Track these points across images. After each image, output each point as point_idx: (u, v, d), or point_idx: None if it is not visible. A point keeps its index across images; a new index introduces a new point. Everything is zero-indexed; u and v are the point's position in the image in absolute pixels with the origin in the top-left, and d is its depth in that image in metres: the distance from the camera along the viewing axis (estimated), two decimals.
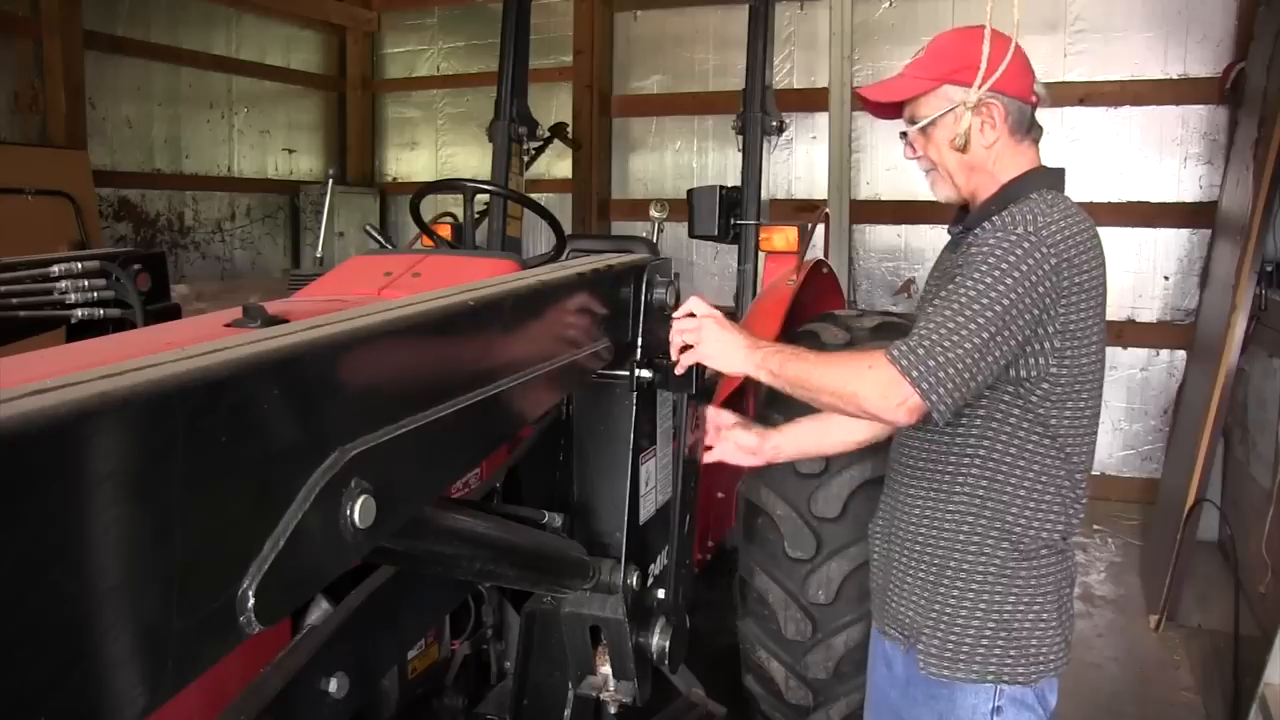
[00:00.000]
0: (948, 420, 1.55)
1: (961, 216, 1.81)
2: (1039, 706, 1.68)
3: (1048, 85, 1.82)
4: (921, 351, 1.49)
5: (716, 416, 1.88)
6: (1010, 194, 1.68)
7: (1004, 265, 1.52)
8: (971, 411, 1.65)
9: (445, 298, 1.02)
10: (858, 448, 2.01)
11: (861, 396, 1.53)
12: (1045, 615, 1.66)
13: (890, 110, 1.81)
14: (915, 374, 1.48)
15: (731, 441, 1.90)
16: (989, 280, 1.52)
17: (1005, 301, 1.51)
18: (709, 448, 1.88)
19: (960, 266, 1.59)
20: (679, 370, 1.61)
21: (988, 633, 1.65)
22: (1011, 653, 1.65)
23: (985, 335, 1.50)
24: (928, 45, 1.76)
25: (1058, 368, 1.59)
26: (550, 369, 1.21)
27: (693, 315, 1.63)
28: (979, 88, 1.66)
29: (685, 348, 1.61)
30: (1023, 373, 1.59)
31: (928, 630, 1.69)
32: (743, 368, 1.63)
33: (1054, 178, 1.72)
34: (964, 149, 1.69)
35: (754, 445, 1.92)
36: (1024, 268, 1.52)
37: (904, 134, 1.79)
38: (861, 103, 1.83)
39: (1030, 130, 1.74)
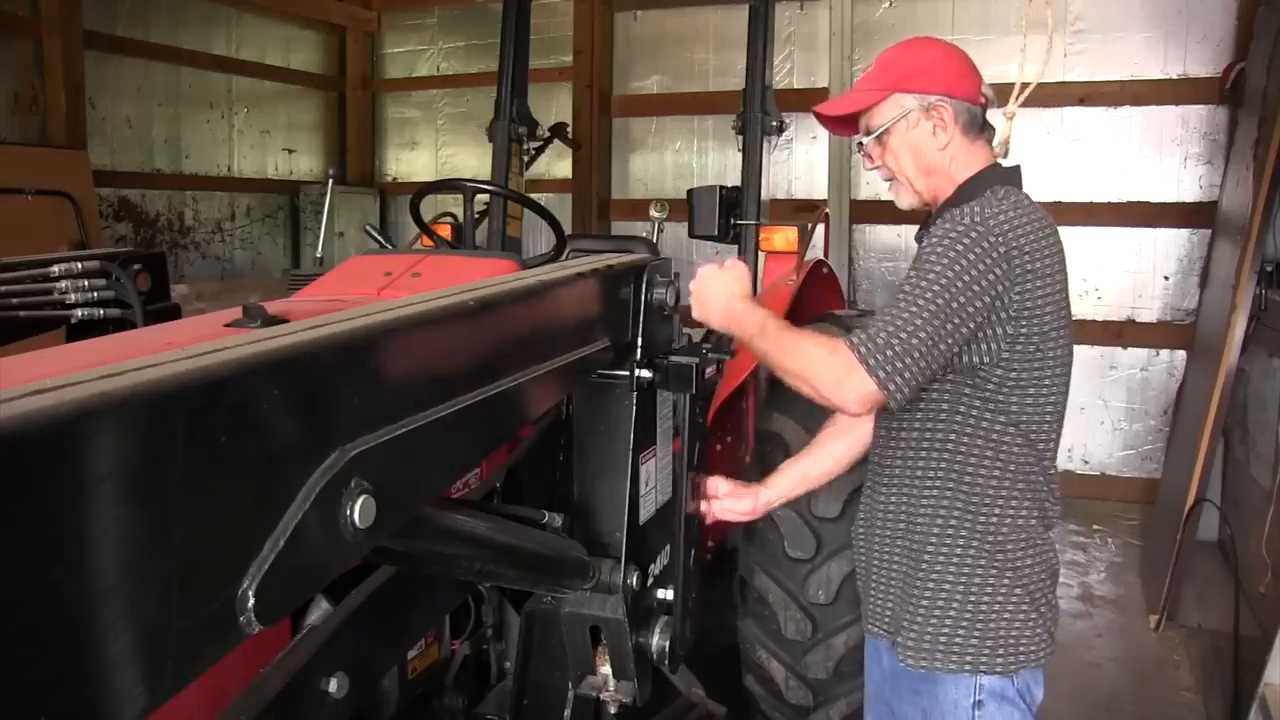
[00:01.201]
0: (903, 406, 1.60)
1: (927, 221, 1.85)
2: (1020, 700, 1.70)
3: (1047, 85, 1.84)
4: (881, 340, 1.54)
5: (712, 487, 1.93)
6: (965, 193, 1.74)
7: (951, 254, 1.57)
8: (935, 404, 1.69)
9: (445, 298, 1.02)
10: (844, 472, 2.05)
11: (820, 382, 1.59)
12: (1023, 606, 1.68)
13: (847, 127, 1.88)
14: (872, 362, 1.53)
15: (728, 507, 1.94)
16: (938, 269, 1.57)
17: (954, 288, 1.55)
18: (706, 514, 1.92)
19: (914, 261, 1.66)
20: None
21: (964, 623, 1.68)
22: (989, 643, 1.67)
23: (937, 323, 1.55)
24: (875, 59, 1.83)
25: (1010, 353, 1.62)
26: (550, 369, 1.21)
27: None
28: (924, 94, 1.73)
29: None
30: (977, 359, 1.63)
31: (905, 622, 1.73)
32: (713, 322, 1.75)
33: (1008, 174, 1.78)
34: (920, 149, 1.76)
35: (748, 507, 1.96)
36: (971, 255, 1.57)
37: (860, 144, 1.85)
38: (819, 120, 1.91)
39: (983, 130, 1.80)
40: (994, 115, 1.84)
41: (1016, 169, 1.79)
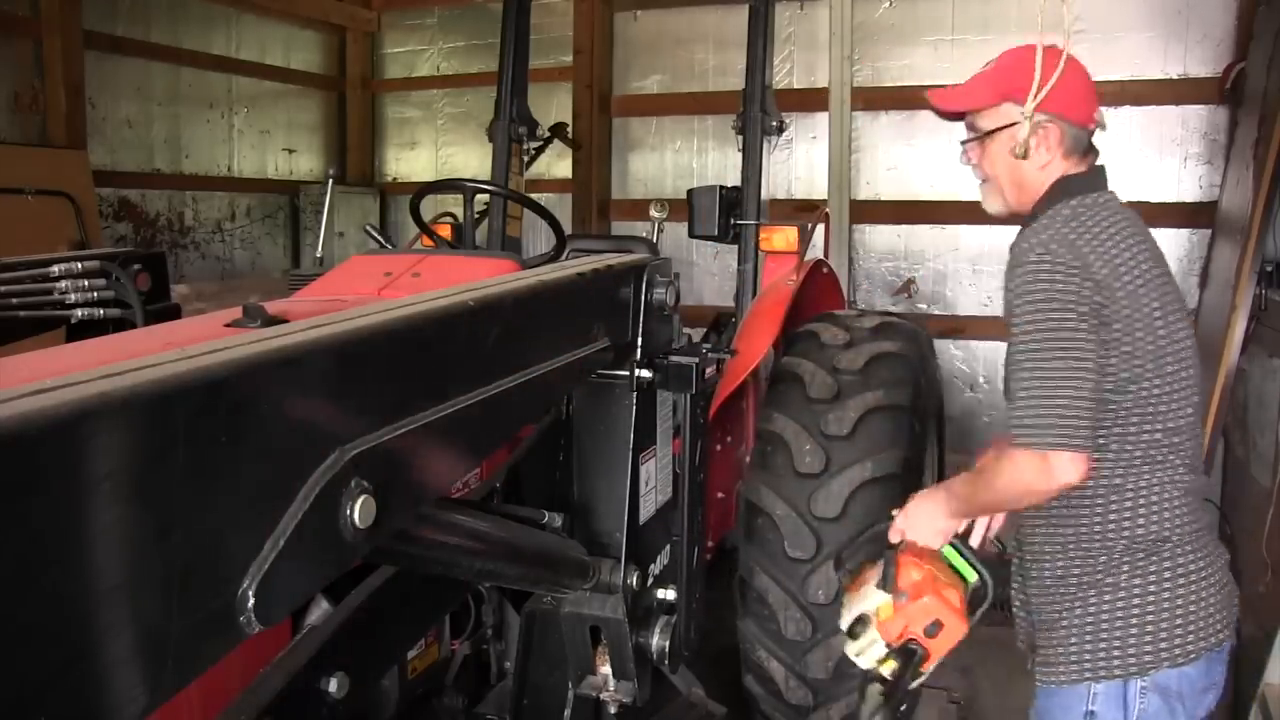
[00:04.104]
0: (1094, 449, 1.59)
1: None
2: (1152, 696, 1.68)
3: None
4: (1032, 419, 1.55)
5: None
6: (1034, 212, 1.75)
7: (1036, 297, 1.57)
8: None
9: (445, 298, 1.02)
10: None
11: (1031, 492, 1.59)
12: (1149, 610, 1.68)
13: (956, 114, 1.85)
14: (1049, 443, 1.53)
15: None
16: (1031, 320, 1.57)
17: (1064, 331, 1.55)
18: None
19: (1010, 314, 1.65)
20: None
21: (1074, 635, 1.71)
22: (1101, 651, 1.69)
23: (1067, 370, 1.54)
24: (998, 57, 1.80)
25: (1117, 358, 1.62)
26: (550, 369, 1.21)
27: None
28: (1033, 98, 1.70)
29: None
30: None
31: (1039, 641, 1.77)
32: (948, 523, 1.78)
33: (1071, 184, 1.75)
34: (1024, 156, 1.73)
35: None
36: (1047, 298, 1.57)
37: (964, 141, 1.84)
38: (929, 102, 1.87)
39: (1086, 154, 1.78)
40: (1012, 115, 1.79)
41: (1087, 175, 1.76)
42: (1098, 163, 1.80)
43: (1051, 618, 1.74)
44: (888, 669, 1.69)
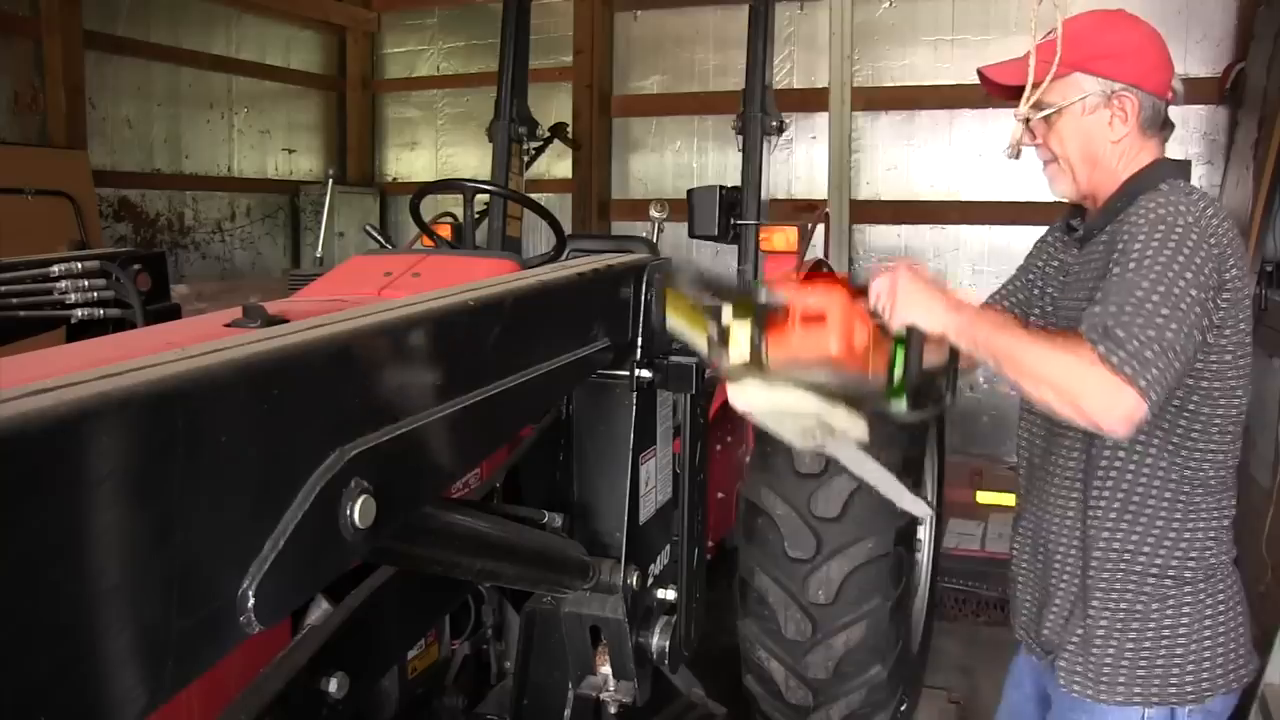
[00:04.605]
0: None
1: (1075, 214, 1.75)
2: None
3: None
4: (1136, 346, 1.34)
5: None
6: (1135, 188, 1.59)
7: (1171, 241, 1.42)
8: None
9: (445, 298, 1.02)
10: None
11: (1085, 401, 1.35)
12: (1195, 638, 1.62)
13: (1005, 91, 1.68)
14: (1138, 374, 1.32)
15: None
16: (1164, 257, 1.40)
17: (1184, 279, 1.40)
18: None
19: (1118, 252, 1.48)
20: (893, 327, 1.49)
21: (1127, 655, 1.62)
22: (1157, 674, 1.61)
23: (1179, 317, 1.37)
24: (1063, 24, 1.60)
25: (1203, 364, 1.52)
26: (550, 369, 1.21)
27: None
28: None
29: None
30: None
31: (1071, 646, 1.68)
32: (942, 329, 1.48)
33: (1180, 169, 1.64)
34: (1091, 137, 1.61)
35: None
36: (1188, 247, 1.42)
37: (1026, 120, 1.66)
38: (981, 80, 1.71)
39: (1163, 128, 1.66)
40: (1008, 115, 1.72)
41: (1187, 164, 1.66)
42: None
43: (1104, 631, 1.64)
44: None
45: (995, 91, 1.71)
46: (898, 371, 1.54)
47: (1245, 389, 1.61)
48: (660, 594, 1.66)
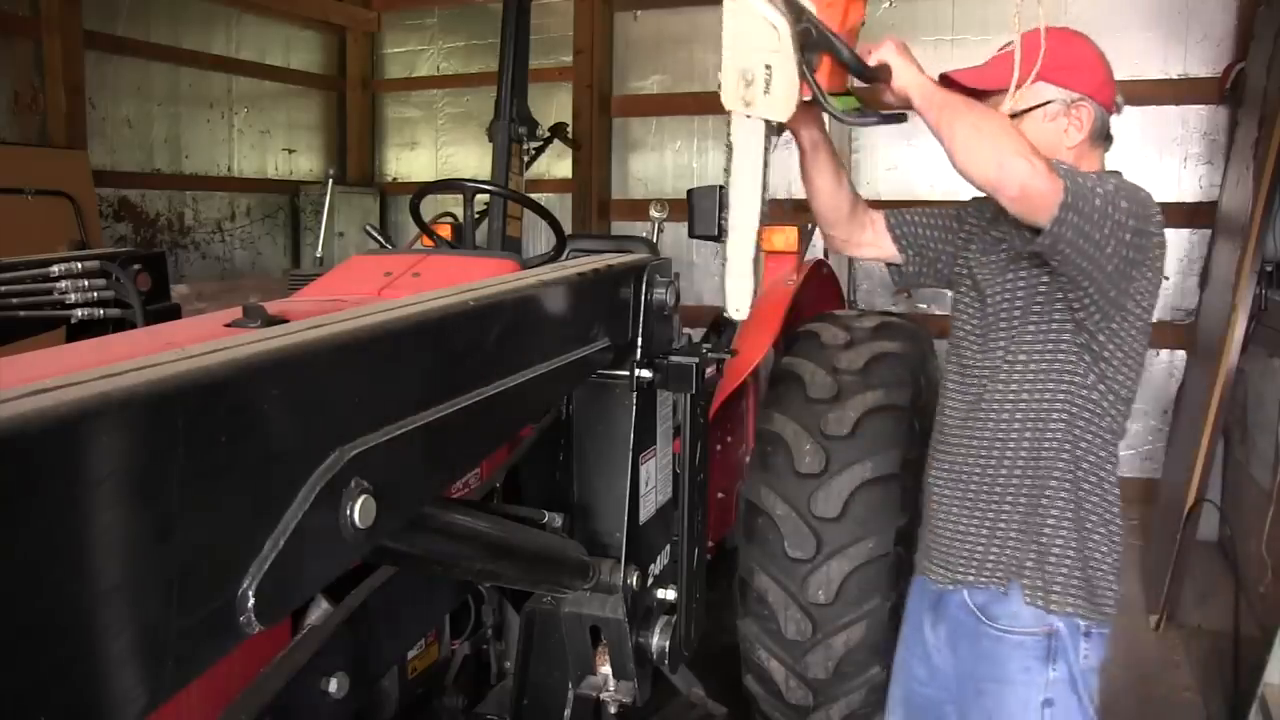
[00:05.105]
0: (1054, 247, 1.58)
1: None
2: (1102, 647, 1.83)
3: None
4: (1080, 179, 1.54)
5: None
6: None
7: (1109, 186, 1.60)
8: (1058, 371, 1.75)
9: (445, 298, 1.02)
10: (828, 188, 2.03)
11: (1018, 165, 1.52)
12: (1110, 560, 1.87)
13: (974, 95, 1.78)
14: (1066, 182, 1.51)
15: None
16: (1108, 190, 1.59)
17: (1123, 203, 1.59)
18: None
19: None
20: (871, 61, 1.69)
21: (1078, 570, 1.81)
22: (1095, 591, 1.84)
23: (1112, 205, 1.56)
24: (1023, 37, 1.78)
25: (1121, 328, 1.70)
26: (550, 369, 1.21)
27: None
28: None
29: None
30: (1104, 325, 1.69)
31: (1029, 566, 1.82)
32: (911, 80, 1.68)
33: (1118, 178, 1.77)
34: (1048, 144, 1.72)
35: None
36: (1126, 189, 1.62)
37: None
38: (944, 80, 1.81)
39: (1105, 140, 1.81)
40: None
41: (1120, 174, 1.79)
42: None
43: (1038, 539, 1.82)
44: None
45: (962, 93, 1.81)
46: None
47: (1139, 369, 1.77)
48: (660, 594, 1.66)
